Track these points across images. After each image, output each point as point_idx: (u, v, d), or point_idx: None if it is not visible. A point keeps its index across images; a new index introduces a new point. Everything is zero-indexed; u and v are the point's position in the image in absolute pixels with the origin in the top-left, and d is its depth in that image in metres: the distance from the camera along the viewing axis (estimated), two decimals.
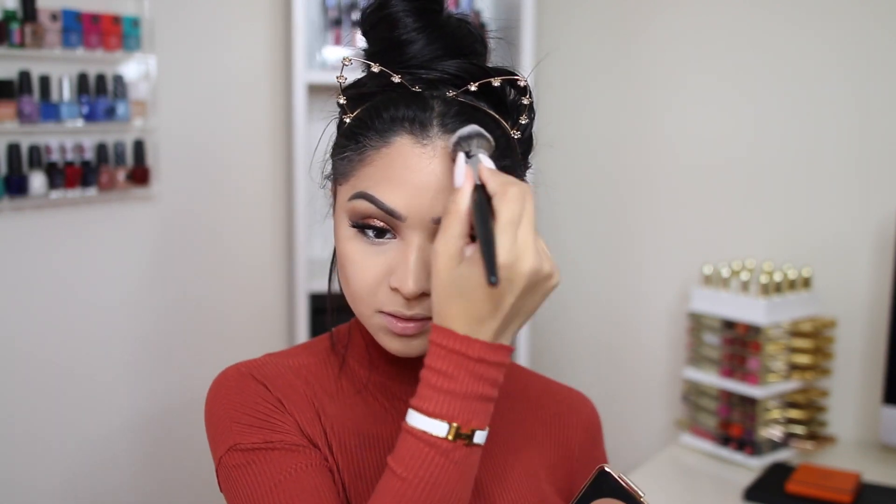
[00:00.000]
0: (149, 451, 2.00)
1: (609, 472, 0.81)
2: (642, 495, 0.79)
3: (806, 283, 1.85)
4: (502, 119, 0.85)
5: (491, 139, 0.78)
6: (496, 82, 0.83)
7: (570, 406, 1.00)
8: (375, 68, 0.83)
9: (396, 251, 0.81)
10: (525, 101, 0.86)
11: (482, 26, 2.21)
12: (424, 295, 0.80)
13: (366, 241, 0.82)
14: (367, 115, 0.83)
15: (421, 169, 0.79)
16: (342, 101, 0.85)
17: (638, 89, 2.19)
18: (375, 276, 0.82)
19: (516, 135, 0.87)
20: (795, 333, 1.81)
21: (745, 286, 1.82)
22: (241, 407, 0.86)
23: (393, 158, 0.80)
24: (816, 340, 1.82)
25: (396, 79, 0.83)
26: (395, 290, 0.81)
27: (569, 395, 1.02)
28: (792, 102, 1.95)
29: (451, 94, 0.83)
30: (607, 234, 2.28)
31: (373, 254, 0.82)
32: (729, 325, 1.83)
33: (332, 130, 0.91)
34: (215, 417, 0.88)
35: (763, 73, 1.99)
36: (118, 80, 1.84)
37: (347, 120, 0.85)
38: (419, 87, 0.83)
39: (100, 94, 1.81)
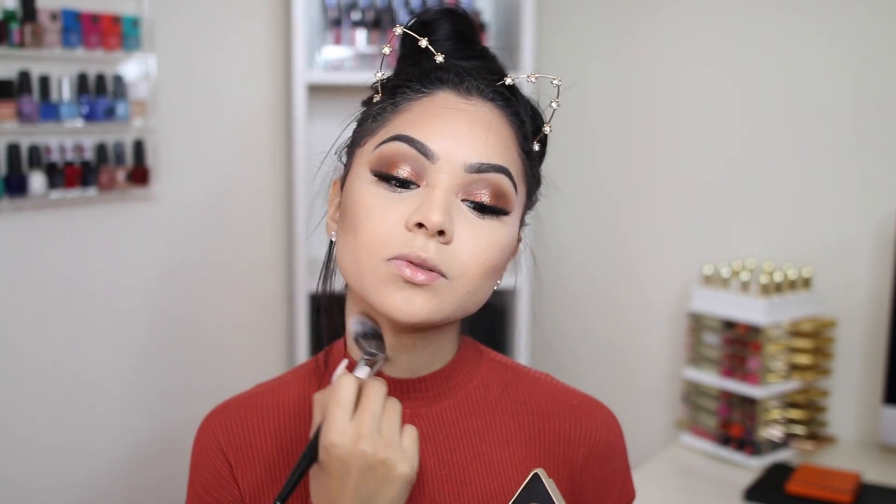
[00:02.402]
0: (148, 451, 2.00)
1: (539, 478, 0.80)
2: None
3: (806, 283, 1.85)
4: (525, 119, 0.89)
5: (380, 356, 0.84)
6: (532, 79, 0.89)
7: (573, 420, 0.92)
8: (423, 42, 0.87)
9: (418, 197, 0.81)
10: (554, 105, 0.90)
11: (481, 27, 2.21)
12: (443, 241, 0.79)
13: (387, 189, 0.81)
14: (408, 75, 0.86)
15: (460, 116, 0.82)
16: (381, 75, 0.88)
17: (637, 89, 2.19)
18: (392, 221, 0.80)
19: (536, 147, 0.90)
20: (795, 333, 1.81)
21: (745, 286, 1.82)
22: (197, 471, 0.93)
23: (433, 105, 0.83)
24: (816, 340, 1.82)
25: (439, 57, 0.87)
26: (414, 227, 0.79)
27: (577, 408, 0.93)
28: (792, 102, 1.95)
29: (490, 88, 0.87)
30: (607, 233, 2.28)
31: (393, 200, 0.81)
32: (729, 325, 1.83)
33: (334, 134, 0.92)
34: (189, 467, 0.95)
35: (763, 72, 1.99)
36: (118, 80, 1.84)
37: (377, 97, 0.87)
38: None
39: (99, 94, 1.81)
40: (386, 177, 0.81)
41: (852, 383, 1.90)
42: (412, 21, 0.90)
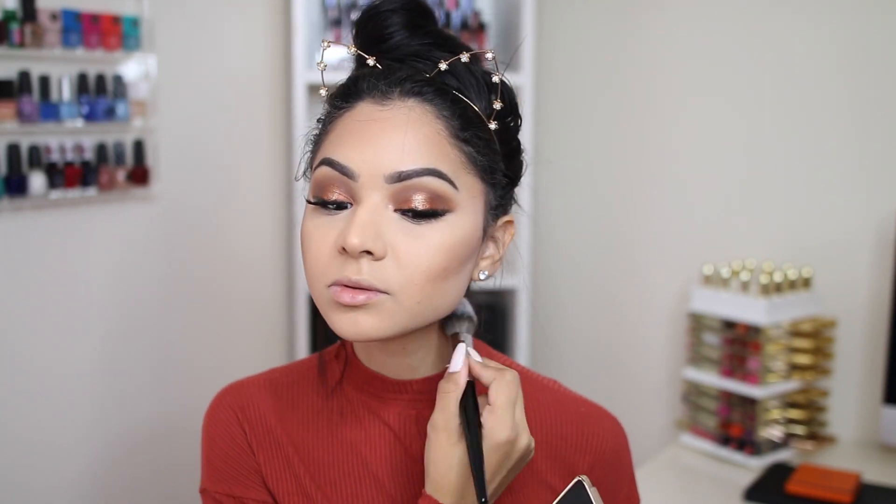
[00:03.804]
0: (149, 451, 2.00)
1: (583, 485, 0.81)
2: None
3: (806, 283, 1.85)
4: (470, 101, 0.84)
5: (475, 321, 0.86)
6: (464, 57, 0.83)
7: (580, 427, 0.92)
8: (351, 50, 0.86)
9: (349, 217, 0.79)
10: (495, 79, 0.84)
11: (481, 27, 2.21)
12: (373, 259, 0.78)
13: (323, 214, 0.81)
14: (335, 92, 0.86)
15: (373, 126, 0.80)
16: (323, 92, 0.88)
17: (638, 90, 2.19)
18: (328, 245, 0.79)
19: (493, 125, 0.85)
20: (795, 333, 1.81)
21: (745, 286, 1.82)
22: (217, 446, 0.91)
23: (351, 120, 0.82)
24: (816, 340, 1.82)
25: (371, 61, 0.85)
26: (342, 251, 0.78)
27: (584, 416, 0.93)
28: (792, 102, 1.95)
29: (412, 84, 0.83)
30: (607, 233, 2.28)
31: (327, 224, 0.80)
32: (729, 325, 1.83)
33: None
34: (202, 446, 0.94)
35: (763, 72, 1.99)
36: (118, 80, 1.84)
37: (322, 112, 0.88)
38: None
39: (99, 94, 1.81)
40: (322, 202, 0.81)
41: (852, 383, 1.90)
42: (359, 17, 0.88)
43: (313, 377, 0.94)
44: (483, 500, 0.73)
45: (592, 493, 0.80)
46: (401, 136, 0.79)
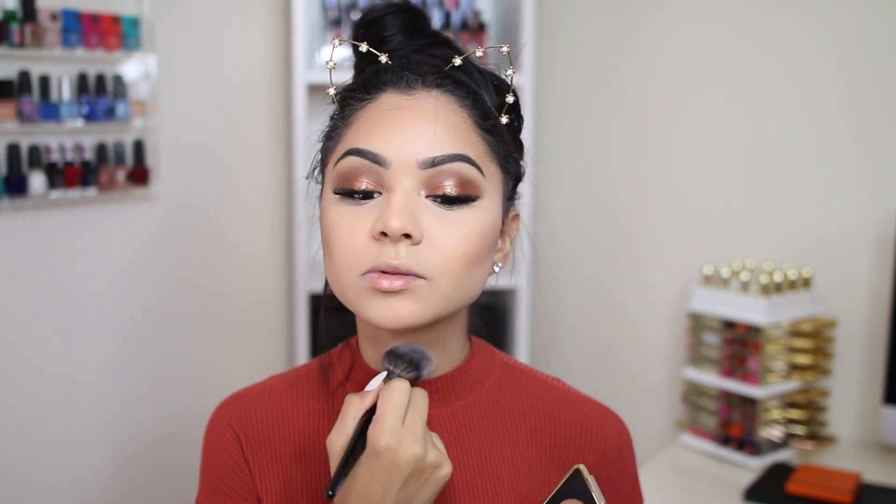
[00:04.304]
0: (148, 451, 2.00)
1: (581, 473, 0.80)
2: (598, 503, 0.79)
3: (806, 283, 1.85)
4: (483, 94, 0.87)
5: (423, 370, 0.81)
6: (479, 52, 0.86)
7: (584, 427, 0.92)
8: (363, 47, 0.86)
9: (381, 204, 0.80)
10: (509, 73, 0.87)
11: (481, 27, 2.21)
12: (411, 244, 0.79)
13: (351, 204, 0.81)
14: (353, 85, 0.86)
15: (403, 114, 0.81)
16: (332, 91, 0.87)
17: (638, 90, 2.19)
18: (361, 234, 0.80)
19: (504, 119, 0.87)
20: (795, 333, 1.81)
21: (745, 286, 1.82)
22: (212, 460, 0.92)
23: (377, 109, 0.82)
24: (816, 340, 1.82)
25: (383, 58, 0.85)
26: (380, 236, 0.78)
27: (588, 415, 0.93)
28: (792, 102, 1.95)
29: (433, 75, 0.85)
30: (607, 233, 2.28)
31: (357, 214, 0.80)
32: (729, 325, 1.83)
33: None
34: (201, 457, 0.95)
35: (762, 72, 1.99)
36: (118, 80, 1.84)
37: (334, 108, 0.87)
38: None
39: (99, 94, 1.81)
40: (348, 192, 0.81)
41: (852, 383, 1.90)
42: (358, 22, 0.89)
43: (314, 380, 0.94)
44: (329, 493, 0.73)
45: (590, 481, 0.79)
46: (431, 123, 0.80)
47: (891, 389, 1.73)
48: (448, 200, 0.80)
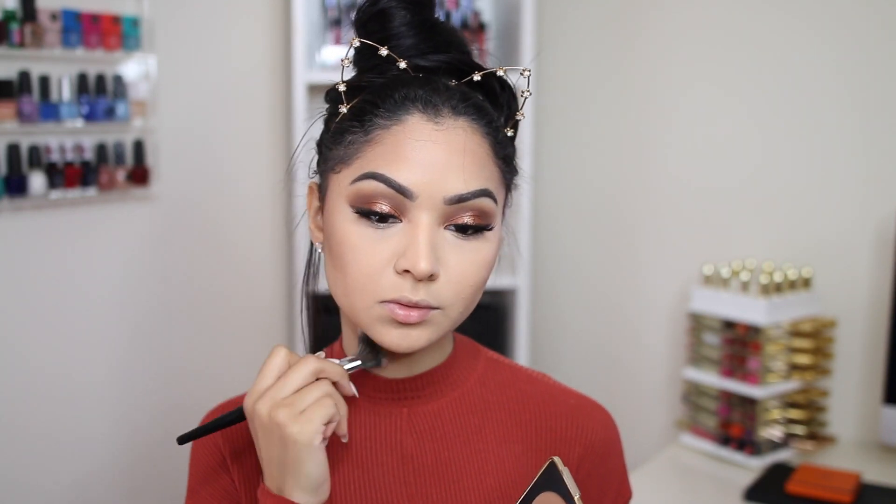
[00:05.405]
0: (148, 451, 2.00)
1: (556, 466, 0.80)
2: (575, 495, 0.78)
3: (806, 283, 1.85)
4: (496, 110, 0.87)
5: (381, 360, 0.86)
6: (500, 72, 0.85)
7: (570, 419, 0.92)
8: (383, 51, 0.83)
9: (402, 234, 0.80)
10: (526, 94, 0.86)
11: (481, 27, 2.21)
12: (431, 279, 0.80)
13: (369, 226, 0.80)
14: (374, 96, 0.82)
15: (433, 147, 0.79)
16: (343, 88, 0.85)
17: (638, 90, 2.19)
18: (379, 261, 0.80)
19: (510, 132, 0.87)
20: (795, 333, 1.81)
21: (745, 286, 1.82)
22: (194, 465, 0.94)
23: (405, 136, 0.80)
24: (816, 340, 1.82)
25: (402, 64, 0.84)
26: (403, 273, 0.79)
27: (574, 408, 0.93)
28: (791, 102, 1.95)
29: (453, 82, 0.84)
30: (607, 233, 2.28)
31: (377, 238, 0.80)
32: (729, 325, 1.83)
33: (311, 134, 0.91)
34: (189, 464, 0.96)
35: (762, 72, 1.99)
36: (118, 80, 1.84)
37: (344, 109, 0.84)
38: (420, 74, 0.84)
39: (99, 94, 1.81)
40: (366, 212, 0.80)
41: (852, 383, 1.90)
42: (361, 14, 0.86)
43: None
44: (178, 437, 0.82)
45: (565, 472, 0.79)
46: (459, 158, 0.80)
47: (891, 389, 1.73)
48: (463, 229, 0.81)
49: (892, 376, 1.73)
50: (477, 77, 0.84)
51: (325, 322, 0.97)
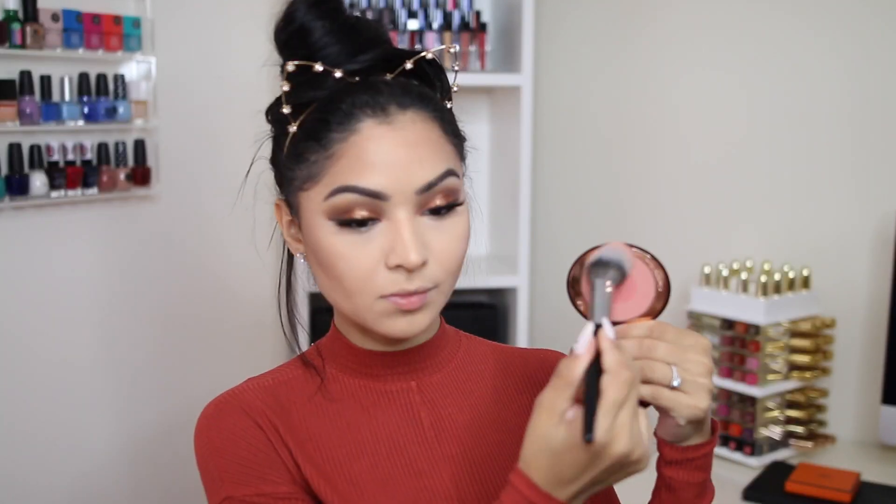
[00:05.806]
0: (148, 450, 2.01)
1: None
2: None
3: (805, 282, 1.85)
4: (433, 89, 0.90)
5: (626, 270, 0.88)
6: (429, 55, 0.88)
7: (539, 365, 1.02)
8: (318, 67, 0.86)
9: (386, 232, 0.83)
10: (455, 68, 0.91)
11: (481, 27, 2.21)
12: (423, 266, 0.84)
13: (351, 232, 0.84)
14: (323, 113, 0.85)
15: (392, 146, 0.83)
16: (287, 110, 0.87)
17: (636, 88, 2.19)
18: (370, 262, 0.84)
19: (449, 105, 0.91)
20: (795, 333, 1.81)
21: (744, 286, 1.82)
22: (226, 453, 0.88)
23: (363, 143, 0.83)
24: (816, 340, 1.82)
25: (338, 73, 0.85)
26: (395, 267, 0.83)
27: (537, 354, 1.04)
28: (791, 102, 1.95)
29: (388, 76, 0.87)
30: (607, 234, 2.29)
31: (362, 242, 0.84)
32: (728, 324, 1.83)
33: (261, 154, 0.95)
34: (204, 463, 0.91)
35: (762, 72, 1.99)
36: (119, 80, 1.85)
37: (293, 128, 0.87)
38: (357, 78, 0.86)
39: (101, 95, 1.81)
40: (346, 222, 0.84)
41: (851, 383, 1.90)
42: (281, 32, 0.90)
43: (300, 376, 0.97)
44: (589, 436, 0.71)
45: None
46: (417, 149, 0.83)
47: (890, 389, 1.74)
48: (437, 211, 0.85)
49: (890, 376, 1.73)
50: (409, 65, 0.87)
51: (320, 322, 0.98)
